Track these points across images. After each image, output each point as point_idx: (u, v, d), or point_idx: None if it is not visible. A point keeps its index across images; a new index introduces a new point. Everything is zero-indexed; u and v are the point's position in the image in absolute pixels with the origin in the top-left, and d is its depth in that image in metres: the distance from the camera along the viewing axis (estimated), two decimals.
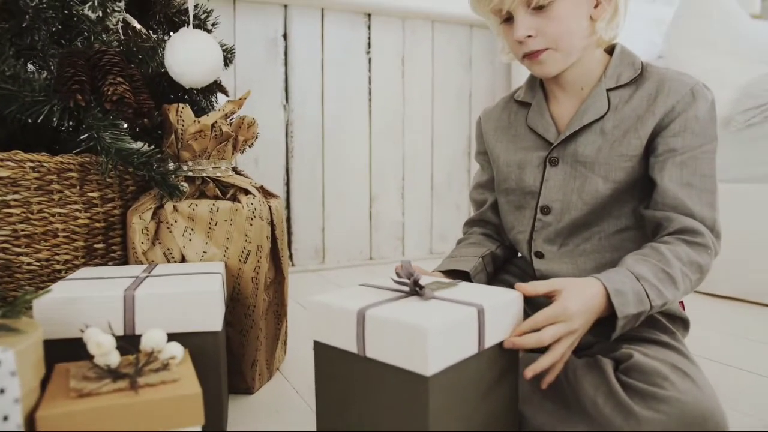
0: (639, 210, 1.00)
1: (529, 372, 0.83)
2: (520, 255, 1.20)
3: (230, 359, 1.11)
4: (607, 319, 0.89)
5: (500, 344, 0.84)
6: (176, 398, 0.66)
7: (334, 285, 2.23)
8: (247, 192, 1.14)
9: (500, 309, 0.82)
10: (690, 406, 0.77)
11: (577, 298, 0.84)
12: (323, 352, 0.85)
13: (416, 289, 0.84)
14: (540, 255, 1.08)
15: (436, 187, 2.90)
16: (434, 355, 0.72)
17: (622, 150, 0.98)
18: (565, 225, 1.04)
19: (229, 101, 1.16)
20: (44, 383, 0.71)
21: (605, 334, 0.91)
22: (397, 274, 0.88)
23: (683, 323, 1.02)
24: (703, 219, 0.93)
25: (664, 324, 0.99)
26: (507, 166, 1.12)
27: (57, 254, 1.08)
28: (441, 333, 0.72)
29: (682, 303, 1.06)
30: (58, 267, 1.08)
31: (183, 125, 1.11)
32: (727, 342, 1.48)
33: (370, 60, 2.67)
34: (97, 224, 1.11)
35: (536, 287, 0.86)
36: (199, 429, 0.68)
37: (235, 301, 1.09)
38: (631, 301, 0.85)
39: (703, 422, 0.76)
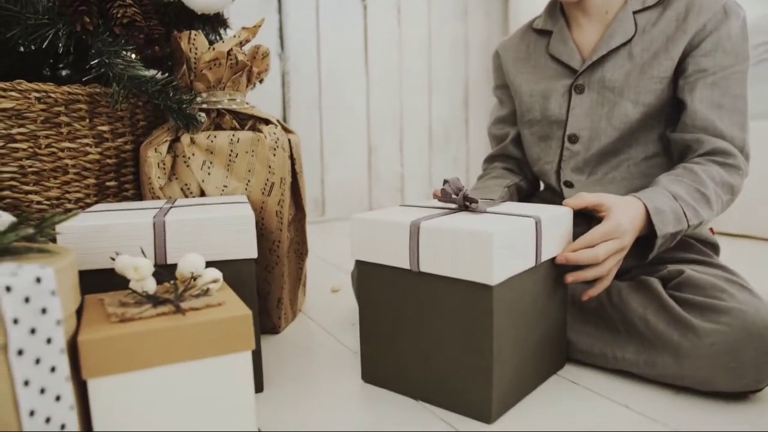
0: (666, 135, 0.98)
1: (570, 277, 0.82)
2: (543, 188, 1.18)
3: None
4: (641, 239, 0.88)
5: (552, 261, 0.82)
6: (227, 320, 0.62)
7: (336, 236, 2.19)
8: (267, 122, 1.08)
9: (554, 222, 0.79)
10: (752, 315, 0.75)
11: (627, 215, 0.81)
12: (368, 272, 0.81)
13: (466, 204, 0.81)
14: (569, 185, 1.05)
15: (434, 139, 2.85)
16: (499, 263, 0.69)
17: (653, 72, 0.95)
18: (593, 153, 1.01)
19: (243, 28, 1.09)
20: (77, 314, 0.66)
21: (640, 255, 0.89)
22: (442, 192, 0.84)
23: (713, 247, 1.01)
24: (733, 140, 0.91)
25: (698, 247, 0.97)
26: (530, 97, 1.08)
27: (68, 192, 1.02)
28: (506, 239, 0.69)
29: (711, 228, 1.05)
30: (69, 206, 1.02)
31: (196, 53, 1.05)
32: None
33: (365, 8, 2.58)
34: (109, 160, 1.05)
35: (584, 198, 0.83)
36: (250, 354, 0.64)
37: (259, 236, 1.05)
38: (670, 220, 0.83)
39: (764, 331, 0.74)
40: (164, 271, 0.71)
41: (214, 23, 1.24)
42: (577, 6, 1.02)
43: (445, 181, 0.83)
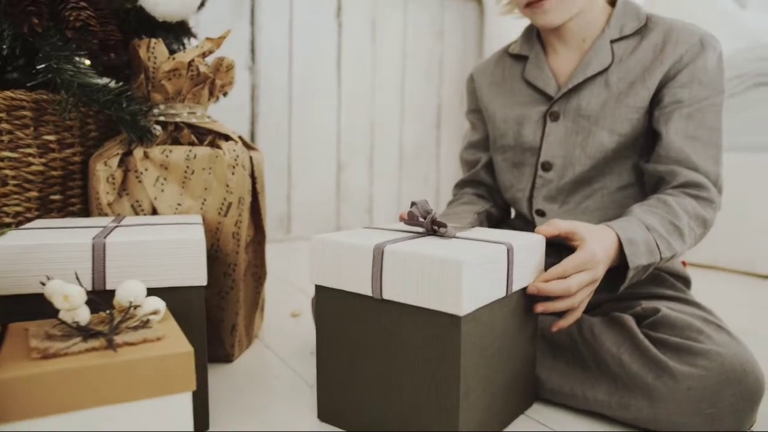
0: (640, 165, 0.96)
1: (540, 307, 0.78)
2: (514, 216, 1.14)
3: (207, 325, 1.00)
4: (612, 270, 0.84)
5: (523, 291, 0.77)
6: (164, 358, 0.56)
7: (300, 256, 2.13)
8: (227, 138, 1.02)
9: (526, 249, 0.75)
10: (730, 359, 0.71)
11: (601, 245, 0.78)
12: (327, 298, 0.76)
13: (434, 228, 0.76)
14: (541, 213, 1.02)
15: (405, 158, 2.81)
16: (468, 292, 0.64)
17: (629, 101, 0.93)
18: (567, 181, 0.98)
19: (207, 39, 1.03)
20: None
21: (610, 287, 0.86)
22: (409, 215, 0.79)
23: (685, 282, 0.98)
24: (707, 173, 0.90)
25: (671, 282, 0.95)
26: (504, 122, 1.05)
27: (6, 205, 0.94)
28: (476, 267, 0.65)
29: (683, 261, 1.02)
30: (7, 220, 0.95)
31: (155, 63, 0.99)
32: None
33: (340, 24, 2.55)
34: (54, 172, 0.98)
35: (557, 225, 0.80)
36: (190, 395, 0.58)
37: (213, 259, 0.98)
38: (643, 251, 0.80)
39: (743, 375, 0.70)
40: (100, 300, 0.65)
41: (179, 32, 1.18)
42: (554, 32, 1.00)
43: (413, 204, 0.78)
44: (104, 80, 0.92)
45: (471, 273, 0.64)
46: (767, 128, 1.80)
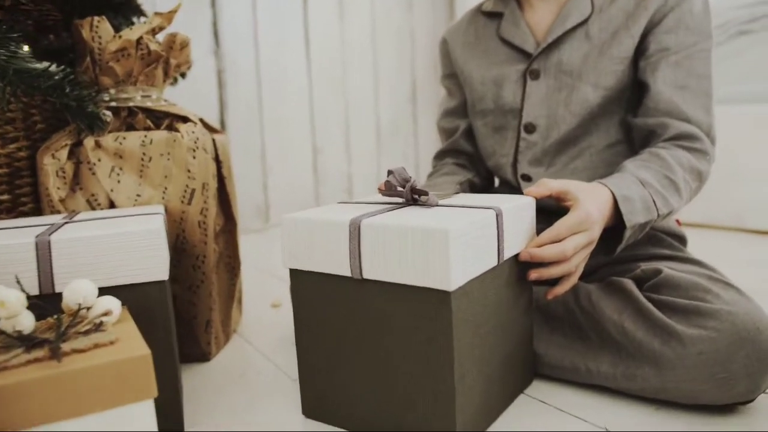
0: (628, 120, 0.91)
1: (534, 274, 0.73)
2: (498, 184, 1.09)
3: (179, 322, 0.93)
4: (607, 231, 0.80)
5: (516, 259, 0.71)
6: (117, 363, 0.49)
7: (279, 246, 2.05)
8: (186, 120, 0.95)
9: (516, 213, 0.69)
10: (741, 317, 0.66)
11: (595, 204, 0.72)
12: (303, 283, 0.69)
13: (414, 197, 0.69)
14: (527, 178, 0.96)
15: (382, 136, 2.74)
16: (457, 264, 0.58)
17: (613, 52, 0.88)
18: (552, 142, 0.93)
19: (155, 14, 0.95)
20: None
21: (606, 248, 0.81)
22: (386, 185, 0.73)
23: (681, 240, 0.93)
24: (699, 123, 0.85)
25: (668, 241, 0.90)
26: (482, 85, 1.00)
27: None
28: (464, 236, 0.58)
29: (677, 220, 0.97)
30: None
31: (101, 43, 0.91)
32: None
33: (305, 1, 2.46)
34: None
35: (547, 185, 0.74)
36: (152, 403, 0.51)
37: (180, 251, 0.91)
38: (639, 209, 0.75)
39: (756, 335, 0.65)
40: (48, 303, 0.58)
41: (127, 11, 1.10)
42: None
43: (390, 172, 0.72)
44: (44, 64, 0.83)
45: (458, 243, 0.58)
46: (751, 78, 1.75)
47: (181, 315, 0.93)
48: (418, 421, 0.64)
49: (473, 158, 1.09)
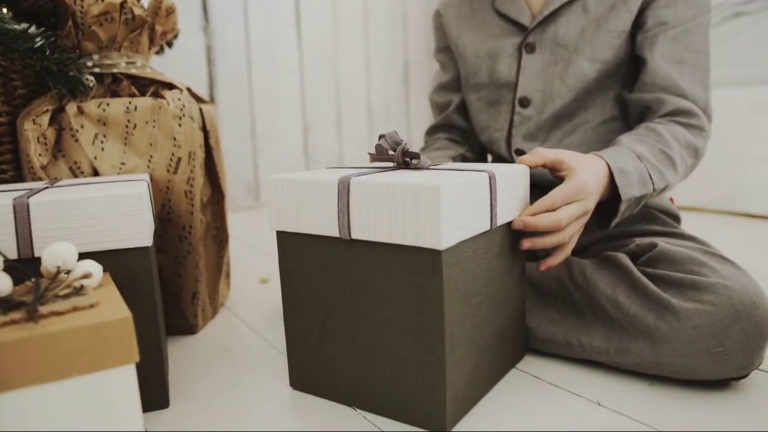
0: (624, 96, 0.90)
1: (526, 243, 0.71)
2: (491, 160, 1.07)
3: (165, 294, 0.91)
4: (601, 204, 0.79)
5: (508, 226, 0.70)
6: (97, 326, 0.47)
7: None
8: (171, 87, 0.92)
9: (510, 179, 0.67)
10: (738, 292, 0.65)
11: (591, 174, 0.71)
12: (291, 245, 0.68)
13: (406, 160, 0.68)
14: (521, 153, 0.95)
15: (374, 117, 2.71)
16: (448, 222, 0.56)
17: (610, 26, 0.86)
18: (547, 117, 0.91)
19: None
20: None
21: (600, 222, 0.81)
22: (377, 149, 0.71)
23: (675, 219, 0.92)
24: (696, 99, 0.84)
25: (662, 218, 0.89)
26: (476, 58, 0.98)
27: None
28: (455, 194, 0.57)
29: (671, 198, 0.96)
30: None
31: (83, 6, 0.87)
32: None
33: None
34: None
35: (542, 153, 0.72)
36: (133, 368, 0.49)
37: (166, 221, 0.89)
38: (635, 182, 0.74)
39: (752, 309, 0.64)
40: (23, 267, 0.56)
41: None
42: None
43: (381, 136, 0.70)
44: (23, 26, 0.80)
45: (450, 200, 0.56)
46: (746, 61, 1.74)
47: (167, 286, 0.91)
48: (407, 392, 0.62)
49: (466, 133, 1.08)
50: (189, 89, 0.99)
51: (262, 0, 2.34)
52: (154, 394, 0.68)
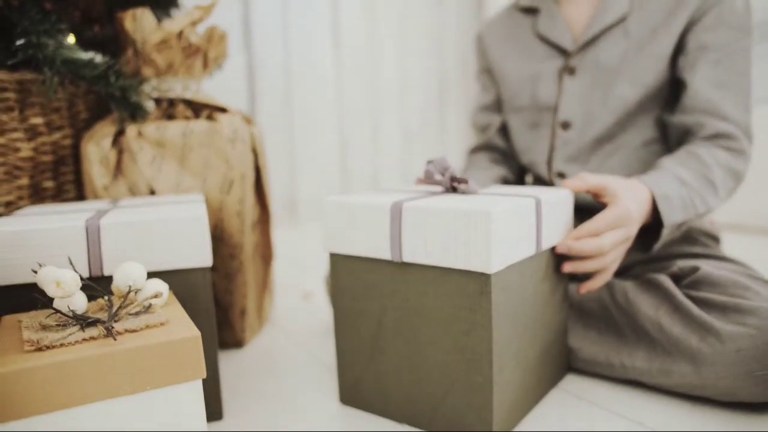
0: (664, 119, 0.90)
1: (568, 266, 0.73)
2: (532, 182, 1.08)
3: (216, 310, 0.95)
4: (643, 229, 0.80)
5: (552, 252, 0.72)
6: (169, 344, 0.51)
7: (308, 238, 2.08)
8: (225, 111, 0.96)
9: (555, 204, 0.69)
10: None
11: (635, 200, 0.72)
12: (343, 267, 0.70)
13: (454, 185, 0.70)
14: (562, 175, 0.96)
15: (409, 134, 2.75)
16: (497, 247, 0.58)
17: (652, 50, 0.87)
18: (588, 140, 0.92)
19: (196, 7, 0.97)
20: None
21: (642, 246, 0.82)
22: (426, 174, 0.73)
23: (715, 240, 0.93)
24: (737, 122, 0.84)
25: (702, 240, 0.89)
26: (518, 81, 1.00)
27: None
28: (504, 219, 0.59)
29: (711, 220, 0.97)
30: None
31: (143, 34, 0.92)
32: None
33: None
34: (44, 157, 0.92)
35: (586, 179, 0.74)
36: (200, 383, 0.53)
37: (218, 240, 0.93)
38: (677, 207, 0.75)
39: None
40: (97, 285, 0.60)
41: (165, 3, 1.12)
42: None
43: (429, 162, 0.73)
44: (89, 55, 0.86)
45: (500, 225, 0.58)
46: None
47: (218, 302, 0.95)
48: (455, 411, 0.64)
49: (507, 154, 1.10)
50: (239, 112, 1.03)
51: (301, 18, 2.40)
52: (210, 406, 0.71)
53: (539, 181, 1.03)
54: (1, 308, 0.62)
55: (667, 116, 0.90)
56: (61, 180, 0.95)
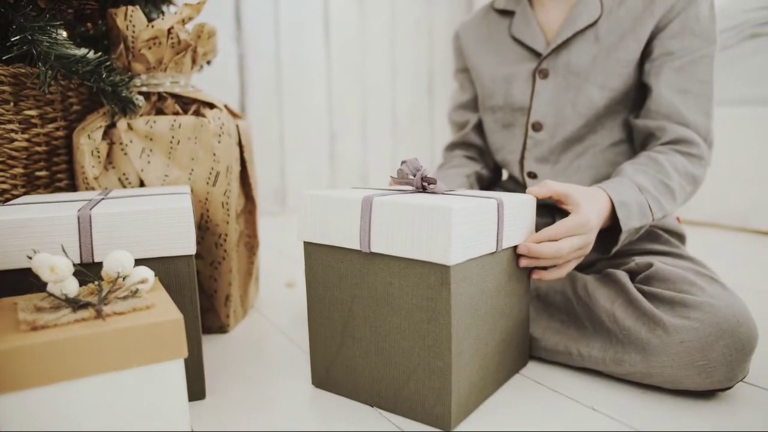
0: (630, 120, 0.94)
1: (524, 261, 0.78)
2: (506, 178, 1.13)
3: (201, 296, 1.00)
4: (604, 231, 0.85)
5: (514, 250, 0.77)
6: (153, 325, 0.55)
7: (296, 228, 2.12)
8: (212, 106, 1.01)
9: (517, 207, 0.74)
10: (723, 310, 0.71)
11: (594, 210, 0.77)
12: (316, 255, 0.76)
13: (424, 185, 0.75)
14: (533, 175, 1.01)
15: (398, 126, 2.79)
16: (457, 241, 0.63)
17: (619, 55, 0.91)
18: (558, 141, 0.97)
19: (185, 5, 1.01)
20: None
21: (602, 248, 0.86)
22: (399, 173, 0.79)
23: (679, 237, 0.98)
24: (698, 128, 0.88)
25: (665, 238, 0.94)
26: (492, 81, 1.03)
27: None
28: (465, 216, 0.64)
29: (677, 217, 1.02)
30: None
31: (134, 31, 0.96)
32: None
33: None
34: (38, 148, 0.96)
35: (550, 187, 0.79)
36: (182, 362, 0.58)
37: (204, 230, 0.98)
38: (635, 213, 0.80)
39: (736, 327, 0.70)
40: (88, 271, 0.64)
41: (157, 0, 1.16)
42: None
43: (403, 162, 0.78)
44: (82, 51, 0.90)
45: (460, 221, 0.63)
46: (763, 80, 1.78)
47: (204, 289, 1.00)
48: (417, 393, 0.70)
49: (482, 151, 1.13)
50: (226, 106, 1.07)
51: (292, 10, 2.43)
52: (193, 385, 0.76)
53: (512, 179, 1.08)
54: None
55: (632, 119, 0.94)
56: (54, 170, 0.99)
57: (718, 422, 0.70)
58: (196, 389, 0.77)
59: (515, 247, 0.77)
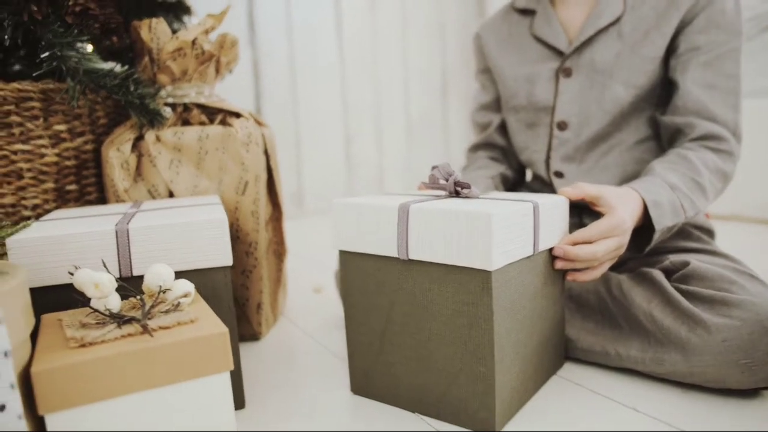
0: (656, 117, 0.94)
1: (560, 263, 0.77)
2: (531, 179, 1.12)
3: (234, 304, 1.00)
4: (636, 231, 0.84)
5: (550, 252, 0.77)
6: (201, 339, 0.56)
7: (315, 231, 2.12)
8: (238, 115, 1.01)
9: (552, 209, 0.74)
10: (764, 308, 0.70)
11: (628, 211, 0.77)
12: (352, 264, 0.76)
13: (457, 189, 0.75)
14: (559, 175, 1.00)
15: (412, 127, 2.79)
16: (498, 246, 0.63)
17: (644, 52, 0.90)
18: (584, 139, 0.96)
19: (208, 15, 1.01)
20: (32, 338, 0.59)
21: (636, 247, 0.85)
22: (431, 178, 0.78)
23: (709, 233, 0.97)
24: (726, 123, 0.87)
25: (697, 234, 0.93)
26: (514, 81, 1.03)
27: (24, 198, 0.94)
28: (504, 221, 0.64)
29: (706, 213, 1.01)
30: (26, 213, 0.94)
31: (158, 43, 0.97)
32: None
33: None
34: (68, 162, 0.97)
35: (583, 189, 0.78)
36: (228, 375, 0.58)
37: (234, 239, 0.98)
38: (668, 212, 0.79)
39: None
40: (129, 286, 0.64)
41: (177, 11, 1.16)
42: None
43: (434, 167, 0.77)
44: (109, 65, 0.90)
45: (500, 226, 0.63)
46: None
47: (235, 297, 1.00)
48: (460, 398, 0.70)
49: (506, 152, 1.13)
50: (252, 115, 1.08)
51: (304, 14, 2.43)
52: (234, 395, 0.77)
53: (538, 178, 1.07)
54: (40, 308, 0.67)
55: (659, 116, 0.93)
56: (84, 183, 1.00)
57: (762, 420, 0.69)
58: (236, 399, 0.77)
59: (550, 250, 0.77)
